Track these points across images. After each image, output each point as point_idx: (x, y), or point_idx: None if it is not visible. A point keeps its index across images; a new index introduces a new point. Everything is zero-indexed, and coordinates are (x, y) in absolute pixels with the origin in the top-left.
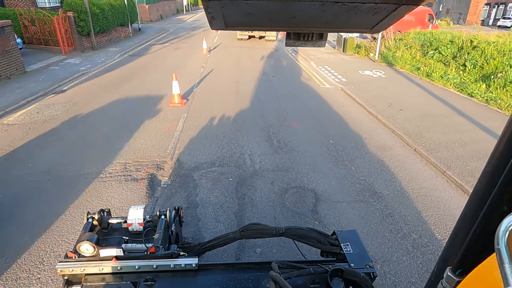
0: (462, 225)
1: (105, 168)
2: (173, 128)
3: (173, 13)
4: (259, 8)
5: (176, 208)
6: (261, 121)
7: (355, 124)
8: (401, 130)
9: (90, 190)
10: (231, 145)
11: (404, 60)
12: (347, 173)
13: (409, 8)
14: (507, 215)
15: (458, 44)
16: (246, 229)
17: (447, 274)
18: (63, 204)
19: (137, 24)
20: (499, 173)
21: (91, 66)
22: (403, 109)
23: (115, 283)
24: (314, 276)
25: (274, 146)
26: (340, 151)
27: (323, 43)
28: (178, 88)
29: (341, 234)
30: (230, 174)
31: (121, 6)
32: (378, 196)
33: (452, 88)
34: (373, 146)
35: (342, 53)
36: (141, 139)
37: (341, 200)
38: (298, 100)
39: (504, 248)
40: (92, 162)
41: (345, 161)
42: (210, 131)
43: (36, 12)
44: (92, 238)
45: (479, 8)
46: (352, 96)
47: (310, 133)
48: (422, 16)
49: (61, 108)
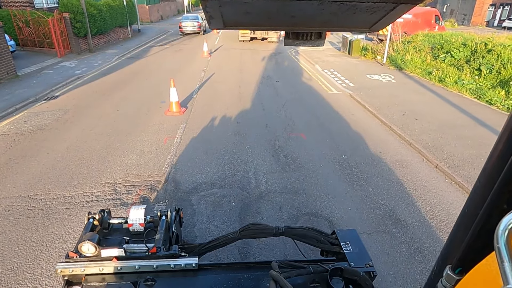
0: (461, 223)
1: (93, 189)
2: (170, 140)
3: (174, 13)
4: (258, 7)
5: (177, 208)
6: (266, 132)
7: (368, 136)
8: (419, 143)
9: (72, 219)
10: (233, 161)
11: (414, 64)
12: (364, 195)
13: (407, 7)
14: (507, 213)
15: (471, 47)
16: (246, 229)
17: (446, 273)
18: (37, 239)
19: (137, 25)
20: (498, 171)
21: (87, 69)
22: (419, 118)
23: (115, 283)
24: (314, 275)
25: (281, 162)
26: (354, 168)
27: (321, 42)
28: (176, 96)
29: (341, 233)
30: (233, 197)
31: (120, 7)
32: (402, 225)
33: (468, 95)
34: (390, 162)
35: (347, 55)
36: (135, 154)
37: (360, 230)
38: (304, 108)
39: (504, 246)
40: (78, 182)
41: (361, 180)
42: (210, 144)
43: (30, 13)
44: (94, 238)
45: (484, 9)
46: (362, 103)
47: (320, 146)
48: (429, 17)
49: (51, 116)
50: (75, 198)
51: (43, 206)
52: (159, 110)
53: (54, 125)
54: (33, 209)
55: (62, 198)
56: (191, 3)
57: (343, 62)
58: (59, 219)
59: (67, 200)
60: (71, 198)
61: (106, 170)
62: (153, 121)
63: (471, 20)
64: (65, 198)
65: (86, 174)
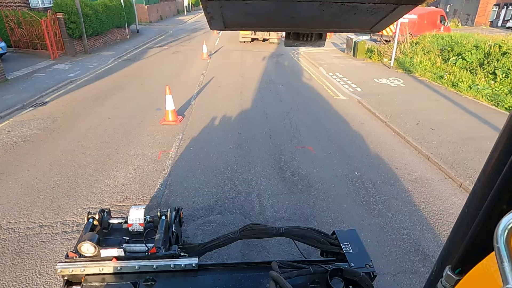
0: (461, 223)
1: (74, 216)
2: (164, 155)
3: (173, 14)
4: (259, 8)
5: (177, 208)
6: (270, 144)
7: (381, 149)
8: (438, 157)
9: (46, 256)
10: (234, 181)
11: (424, 67)
12: (384, 223)
13: (408, 8)
14: (506, 213)
15: (484, 50)
16: (246, 229)
17: (446, 273)
18: (2, 283)
19: (135, 26)
20: (498, 171)
21: (81, 72)
22: (435, 128)
23: (115, 283)
24: (314, 275)
25: (287, 181)
26: (370, 188)
27: (322, 43)
28: (172, 103)
29: (341, 234)
30: (234, 226)
31: (117, 7)
32: (432, 262)
33: (485, 101)
34: (408, 180)
35: (352, 57)
36: (125, 172)
37: (383, 270)
38: (311, 116)
39: (503, 246)
40: (59, 206)
41: (378, 203)
42: (208, 159)
43: (22, 14)
44: (93, 238)
45: (488, 9)
46: (372, 111)
47: (330, 162)
48: (434, 17)
49: (37, 126)
50: (53, 227)
51: (15, 239)
52: (154, 118)
53: (40, 136)
54: (2, 242)
55: (38, 228)
56: (191, 3)
57: (349, 65)
58: (31, 256)
59: (43, 230)
60: (48, 227)
61: (92, 191)
62: (147, 132)
63: (474, 20)
64: (41, 227)
65: (69, 197)
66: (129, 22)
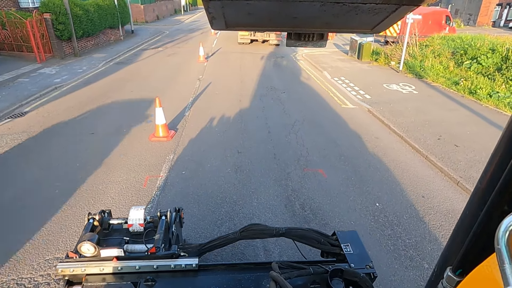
0: (462, 225)
1: (33, 271)
2: (152, 181)
3: (170, 13)
4: (260, 8)
5: (177, 209)
6: (274, 165)
7: (402, 170)
8: (469, 183)
9: None
10: (233, 217)
11: (436, 72)
12: (419, 276)
13: (409, 9)
14: (507, 215)
15: (501, 53)
16: (246, 230)
17: (447, 274)
18: None
19: (130, 26)
20: (499, 173)
21: (69, 77)
22: (459, 144)
23: (115, 283)
24: (314, 276)
25: (297, 216)
26: (396, 225)
27: (323, 43)
28: (163, 117)
29: (341, 235)
30: None
31: (110, 7)
32: None
33: (508, 111)
34: (440, 214)
35: (357, 60)
36: (102, 206)
37: None
38: (318, 129)
39: (504, 248)
40: (16, 258)
41: (409, 247)
42: (203, 187)
43: (6, 14)
44: (93, 238)
45: (491, 8)
46: (386, 123)
47: (345, 189)
48: (439, 18)
49: (9, 142)
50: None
51: None
52: (142, 133)
53: (7, 158)
54: None
55: None
56: (188, 2)
57: (354, 68)
58: None
59: None
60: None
61: (59, 236)
62: (133, 151)
63: (477, 20)
64: None
65: (29, 245)
66: (123, 22)
